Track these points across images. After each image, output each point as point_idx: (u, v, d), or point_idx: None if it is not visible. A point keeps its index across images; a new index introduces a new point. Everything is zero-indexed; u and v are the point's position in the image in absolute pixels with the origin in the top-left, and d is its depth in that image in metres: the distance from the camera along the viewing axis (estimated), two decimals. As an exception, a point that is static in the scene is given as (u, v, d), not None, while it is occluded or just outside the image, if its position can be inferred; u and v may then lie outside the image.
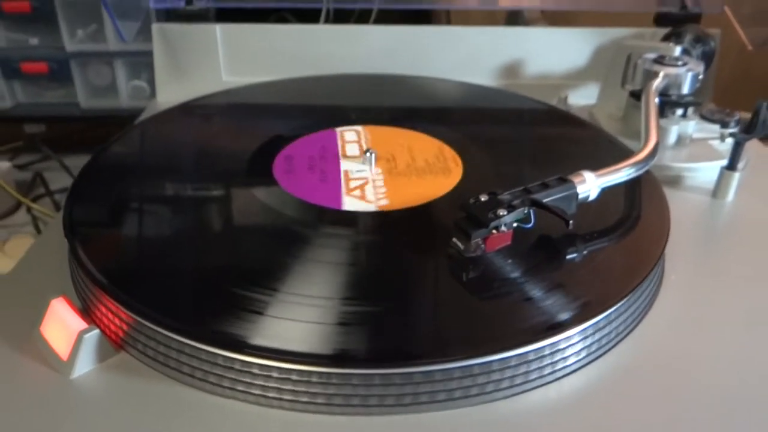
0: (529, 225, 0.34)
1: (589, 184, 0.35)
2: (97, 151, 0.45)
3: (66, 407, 0.28)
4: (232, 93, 0.56)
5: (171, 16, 0.60)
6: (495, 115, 0.55)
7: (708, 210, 0.44)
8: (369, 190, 0.40)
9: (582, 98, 0.60)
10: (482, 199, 0.33)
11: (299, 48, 0.61)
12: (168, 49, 0.59)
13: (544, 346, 0.28)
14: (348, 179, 0.42)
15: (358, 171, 0.43)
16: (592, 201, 0.36)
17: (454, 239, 0.33)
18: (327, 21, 0.73)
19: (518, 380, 0.28)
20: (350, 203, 0.39)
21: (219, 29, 0.59)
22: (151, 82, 0.85)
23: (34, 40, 0.83)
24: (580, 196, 0.35)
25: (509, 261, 0.33)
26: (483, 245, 0.33)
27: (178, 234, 0.38)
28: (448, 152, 0.46)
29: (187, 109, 0.53)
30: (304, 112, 0.54)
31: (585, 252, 0.35)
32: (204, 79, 0.59)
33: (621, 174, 0.37)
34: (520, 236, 0.34)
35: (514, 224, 0.33)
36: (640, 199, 0.41)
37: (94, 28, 0.83)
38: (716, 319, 0.34)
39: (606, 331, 0.31)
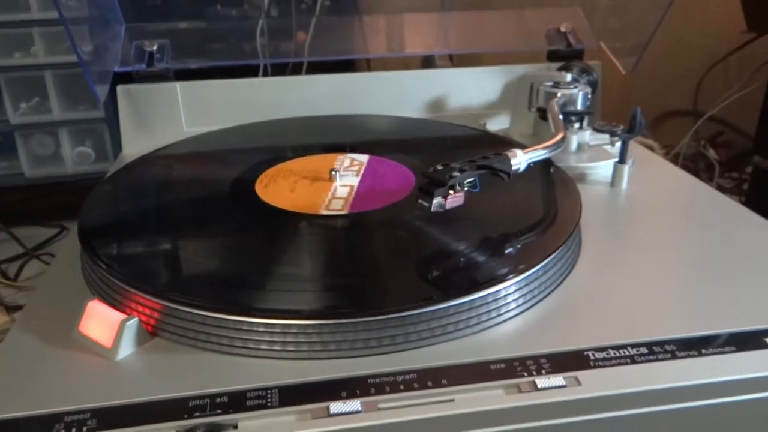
0: (476, 189, 0.42)
1: (519, 158, 0.45)
2: (99, 183, 0.52)
3: (118, 381, 0.33)
4: (203, 138, 0.63)
5: (133, 78, 0.66)
6: (425, 140, 0.65)
7: (609, 196, 0.55)
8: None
9: (497, 125, 0.71)
10: (438, 167, 0.41)
11: (249, 98, 0.68)
12: (132, 107, 0.65)
13: (492, 293, 0.37)
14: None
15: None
16: (522, 172, 0.45)
17: (420, 200, 0.40)
18: (264, 75, 0.80)
19: (473, 321, 0.36)
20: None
21: (179, 87, 0.66)
22: (96, 148, 0.90)
23: (-23, 115, 0.86)
24: (513, 167, 0.44)
25: (464, 241, 0.42)
26: (444, 202, 0.40)
27: (187, 236, 0.46)
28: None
29: (175, 148, 0.61)
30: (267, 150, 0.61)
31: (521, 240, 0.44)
32: (167, 132, 0.65)
33: (541, 152, 0.47)
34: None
35: (465, 188, 0.41)
36: (556, 191, 0.51)
37: (37, 101, 0.87)
38: (623, 270, 0.43)
39: (542, 279, 0.39)
